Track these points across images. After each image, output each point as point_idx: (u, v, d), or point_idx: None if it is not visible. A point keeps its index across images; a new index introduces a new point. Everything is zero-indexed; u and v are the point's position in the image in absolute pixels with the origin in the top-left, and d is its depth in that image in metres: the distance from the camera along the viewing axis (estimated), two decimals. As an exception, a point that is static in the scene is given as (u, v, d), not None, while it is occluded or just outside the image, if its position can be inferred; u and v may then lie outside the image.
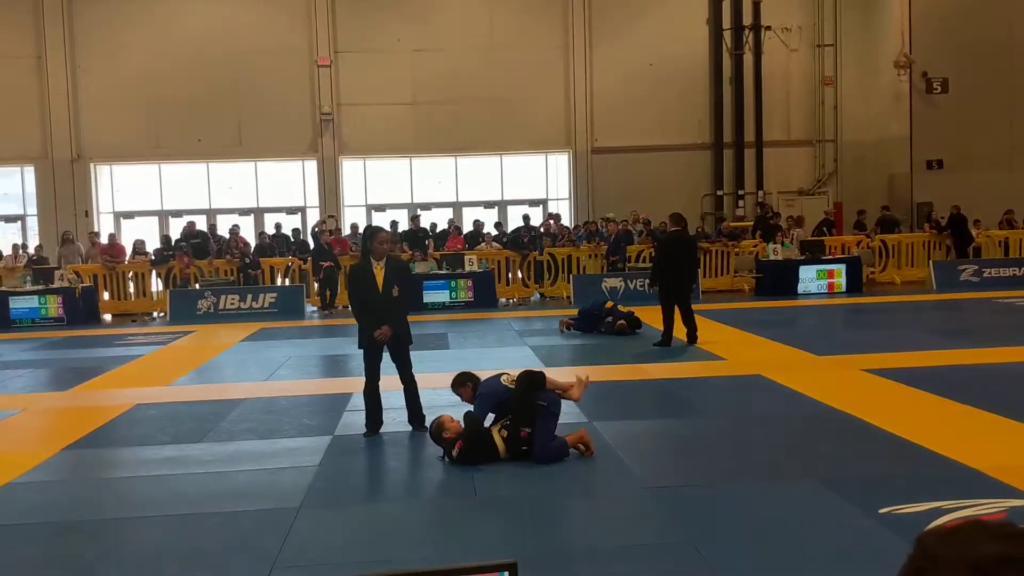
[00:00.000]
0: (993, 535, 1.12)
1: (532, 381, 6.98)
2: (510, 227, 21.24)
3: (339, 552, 5.17)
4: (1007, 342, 11.77)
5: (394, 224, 20.46)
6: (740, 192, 23.75)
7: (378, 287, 7.76)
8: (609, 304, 14.27)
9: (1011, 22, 22.99)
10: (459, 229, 20.84)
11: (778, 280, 18.71)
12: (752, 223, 21.34)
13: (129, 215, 23.44)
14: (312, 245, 19.40)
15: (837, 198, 23.96)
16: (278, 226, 20.90)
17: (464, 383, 7.30)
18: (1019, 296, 16.78)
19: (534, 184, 24.27)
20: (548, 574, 4.73)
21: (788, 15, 23.73)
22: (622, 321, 13.65)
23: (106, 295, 19.02)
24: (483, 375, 7.56)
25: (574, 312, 14.65)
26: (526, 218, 21.00)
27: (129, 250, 19.65)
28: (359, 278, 7.86)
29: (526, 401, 6.82)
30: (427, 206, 23.64)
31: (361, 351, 7.95)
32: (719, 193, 23.85)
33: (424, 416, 7.84)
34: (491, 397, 7.04)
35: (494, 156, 23.86)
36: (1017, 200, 21.23)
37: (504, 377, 7.20)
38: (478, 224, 20.68)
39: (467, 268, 18.44)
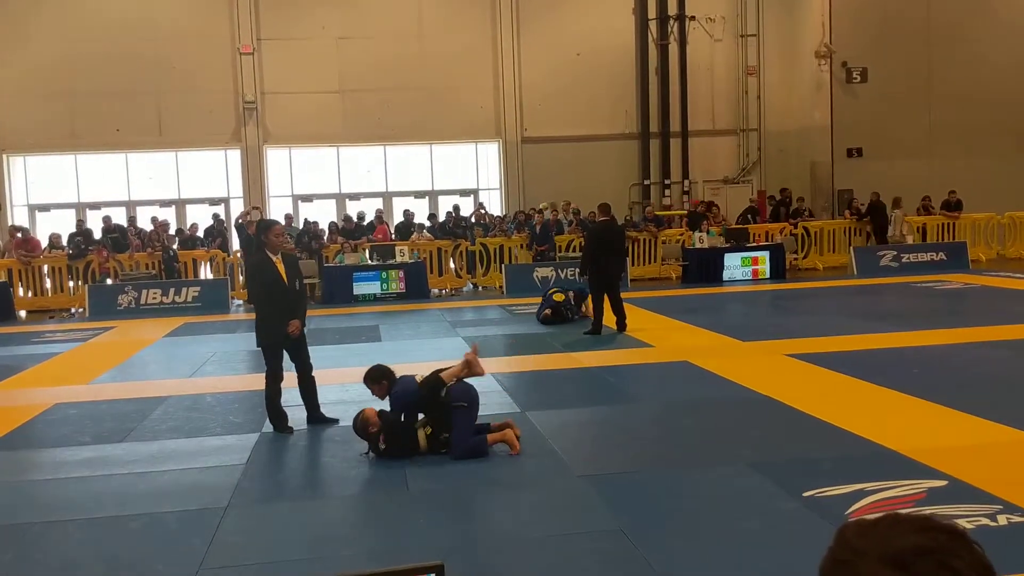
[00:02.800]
0: (910, 528, 1.15)
1: (433, 388, 6.80)
2: (442, 217, 21.13)
3: (269, 551, 5.09)
4: (925, 326, 12.15)
5: (348, 218, 20.31)
6: (667, 181, 24.04)
7: (284, 281, 7.67)
8: (558, 296, 13.97)
9: (928, 11, 23.69)
10: (380, 218, 20.65)
11: (704, 268, 19.00)
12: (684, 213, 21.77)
13: (45, 208, 22.65)
14: (237, 236, 19.02)
15: (761, 186, 24.41)
16: (215, 216, 20.52)
17: (379, 379, 7.03)
18: (936, 280, 17.35)
19: (465, 174, 24.19)
20: (482, 565, 4.72)
21: (712, 5, 24.04)
22: (548, 310, 13.70)
23: (21, 291, 18.37)
24: (414, 368, 7.50)
25: (510, 301, 14.62)
26: (456, 208, 20.95)
27: (44, 244, 19.01)
28: (264, 273, 7.71)
29: (437, 405, 6.73)
30: (356, 196, 23.38)
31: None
32: (646, 182, 24.10)
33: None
34: (404, 397, 6.85)
35: (424, 145, 23.70)
36: (934, 187, 21.90)
37: (418, 377, 7.03)
38: (408, 214, 20.54)
39: (398, 259, 18.29)
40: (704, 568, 4.62)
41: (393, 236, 19.87)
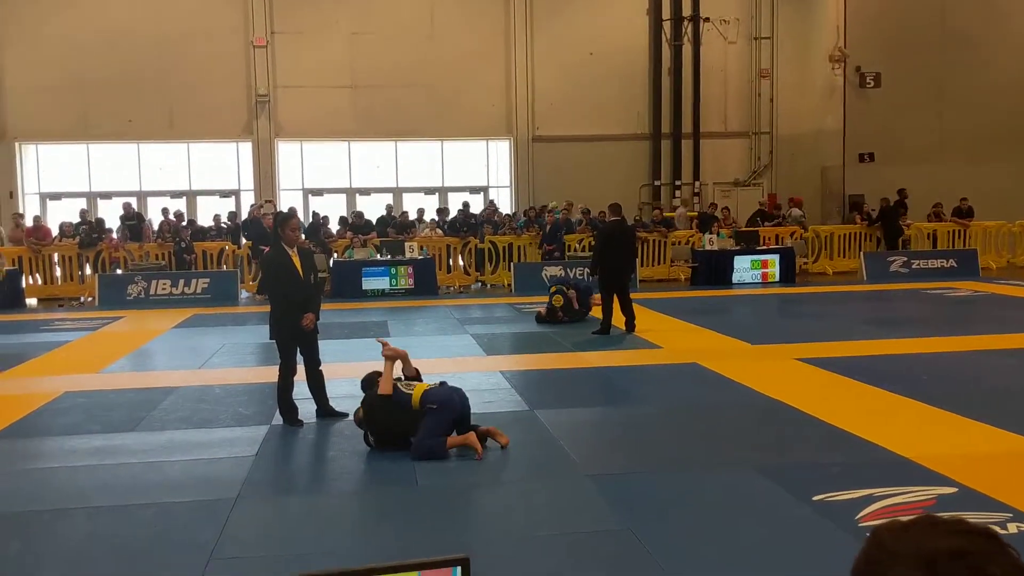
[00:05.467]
0: (946, 530, 1.14)
1: (378, 405, 6.83)
2: (452, 214, 21.15)
3: (278, 544, 5.10)
4: (935, 332, 12.11)
5: (359, 216, 20.26)
6: (677, 183, 24.01)
7: (300, 275, 7.67)
8: (557, 300, 13.84)
9: (942, 18, 23.61)
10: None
11: (713, 270, 18.96)
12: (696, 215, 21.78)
13: (56, 196, 22.73)
14: (248, 229, 19.04)
15: (771, 189, 24.36)
16: (232, 213, 20.50)
17: (376, 383, 7.08)
18: (946, 287, 17.29)
19: (475, 171, 24.20)
20: (489, 562, 4.72)
21: (726, 7, 23.98)
22: (541, 309, 13.75)
23: (32, 279, 18.44)
24: (422, 364, 7.51)
25: (519, 300, 14.56)
26: (465, 204, 20.95)
27: (55, 232, 19.09)
28: (280, 267, 7.70)
29: (413, 414, 6.72)
30: (366, 191, 23.42)
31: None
32: (656, 183, 24.08)
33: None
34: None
35: (435, 142, 23.71)
36: (946, 194, 21.83)
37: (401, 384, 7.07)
38: (412, 212, 20.56)
39: (408, 255, 18.30)
40: (713, 570, 4.62)
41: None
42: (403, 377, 7.18)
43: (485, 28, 23.31)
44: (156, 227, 19.55)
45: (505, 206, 23.14)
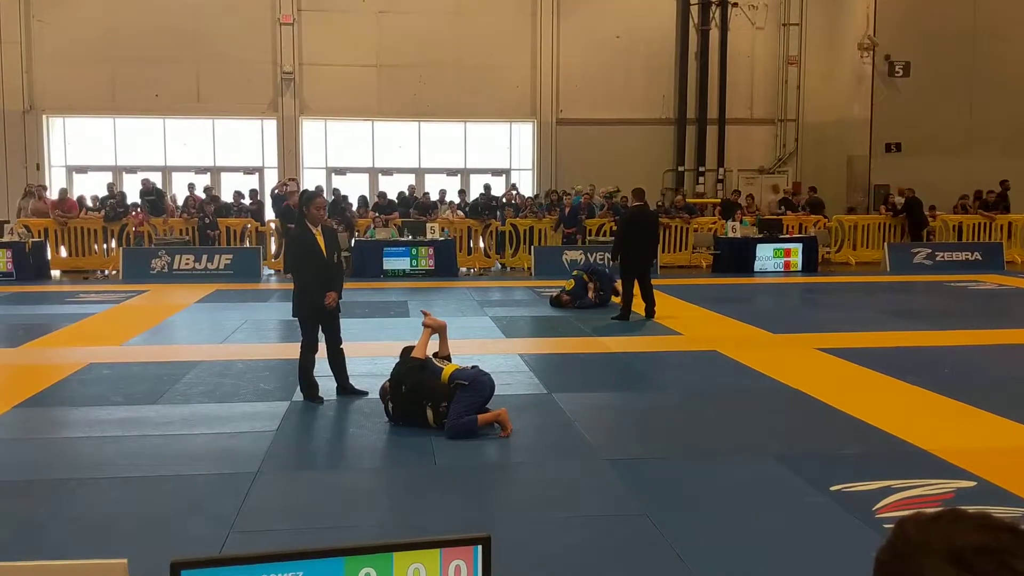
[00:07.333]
0: (972, 525, 1.13)
1: (417, 371, 7.00)
2: (472, 196, 21.15)
3: (297, 517, 5.17)
4: (957, 325, 12.03)
5: (382, 196, 20.32)
6: (701, 168, 23.88)
7: (323, 253, 7.72)
8: (568, 283, 14.01)
9: (975, 8, 23.27)
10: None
11: (735, 257, 18.88)
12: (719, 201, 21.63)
13: (82, 169, 22.90)
14: (271, 207, 19.12)
15: (796, 178, 24.18)
16: (254, 191, 20.58)
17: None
18: (970, 280, 17.15)
19: (498, 153, 24.16)
20: (505, 542, 4.76)
21: (755, -7, 23.76)
22: (553, 294, 13.81)
23: (57, 251, 18.61)
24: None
25: (538, 283, 14.58)
26: (487, 187, 20.94)
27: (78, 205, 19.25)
28: (304, 245, 7.76)
29: (440, 387, 6.81)
30: (389, 171, 23.44)
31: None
32: (680, 169, 23.96)
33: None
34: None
35: (458, 123, 23.68)
36: (972, 186, 21.59)
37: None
38: (433, 194, 20.54)
39: (429, 236, 18.34)
40: (729, 556, 4.64)
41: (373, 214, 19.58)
42: (436, 356, 7.29)
43: (512, 9, 23.20)
44: (181, 202, 19.68)
45: (527, 189, 23.10)
